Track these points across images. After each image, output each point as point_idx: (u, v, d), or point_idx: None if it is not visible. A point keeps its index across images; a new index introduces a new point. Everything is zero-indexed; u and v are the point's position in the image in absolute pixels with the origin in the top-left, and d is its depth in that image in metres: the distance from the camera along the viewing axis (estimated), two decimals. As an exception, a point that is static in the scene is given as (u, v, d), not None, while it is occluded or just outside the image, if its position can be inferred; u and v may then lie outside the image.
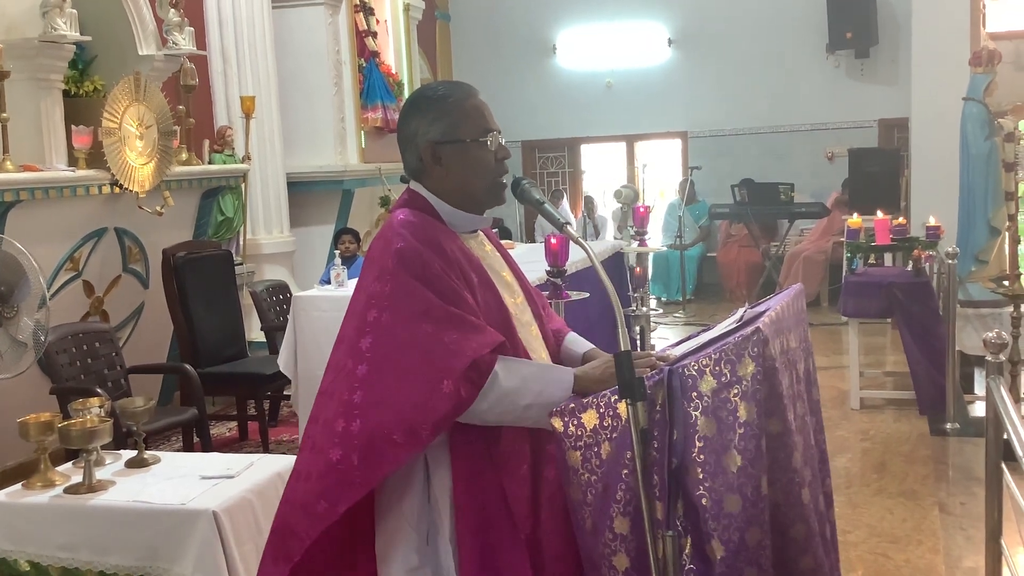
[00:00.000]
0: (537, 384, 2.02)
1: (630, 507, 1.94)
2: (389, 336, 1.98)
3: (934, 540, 4.31)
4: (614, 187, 11.58)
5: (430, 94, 2.17)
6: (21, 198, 5.13)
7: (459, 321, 1.98)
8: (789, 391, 2.04)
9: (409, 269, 2.01)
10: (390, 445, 1.95)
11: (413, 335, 1.97)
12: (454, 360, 1.94)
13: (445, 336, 1.96)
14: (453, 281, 2.03)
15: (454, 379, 1.93)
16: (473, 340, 1.97)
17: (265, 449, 5.72)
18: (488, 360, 1.98)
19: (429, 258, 2.02)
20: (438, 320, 1.97)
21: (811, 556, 2.05)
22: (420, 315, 1.97)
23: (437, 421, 1.95)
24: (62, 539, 2.93)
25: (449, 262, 2.05)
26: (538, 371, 2.06)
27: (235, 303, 6.46)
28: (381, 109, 9.31)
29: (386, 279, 2.02)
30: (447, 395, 1.93)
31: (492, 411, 1.99)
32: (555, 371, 2.09)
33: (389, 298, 2.00)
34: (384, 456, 1.96)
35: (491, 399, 1.98)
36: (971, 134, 7.07)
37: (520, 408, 2.01)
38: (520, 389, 2.00)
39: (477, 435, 2.02)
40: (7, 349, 4.13)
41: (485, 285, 2.12)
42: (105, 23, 6.23)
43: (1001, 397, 3.00)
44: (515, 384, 2.00)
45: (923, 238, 6.54)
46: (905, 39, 9.57)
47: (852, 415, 6.32)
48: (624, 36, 12.03)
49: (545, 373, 2.07)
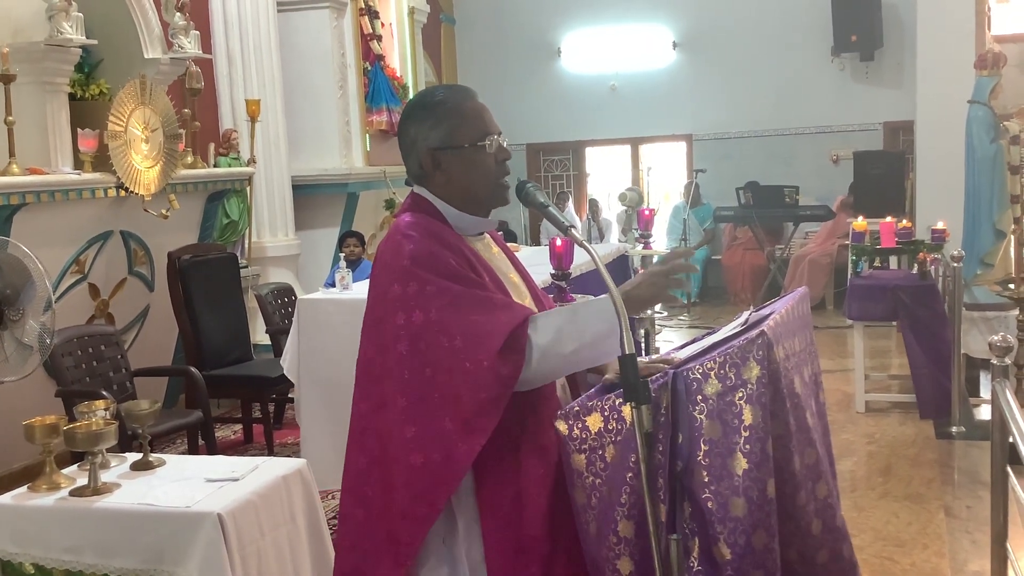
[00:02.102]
0: (573, 327, 2.00)
1: (634, 510, 1.94)
2: (427, 334, 1.99)
3: (939, 544, 4.30)
4: (619, 190, 11.56)
5: (427, 100, 2.18)
6: (27, 201, 5.14)
7: (487, 303, 2.01)
8: (797, 394, 2.04)
9: (425, 266, 2.02)
10: (457, 438, 1.96)
11: (447, 328, 1.98)
12: (489, 340, 1.95)
13: (475, 319, 1.98)
14: (469, 271, 2.06)
15: (492, 358, 1.94)
16: (503, 316, 1.99)
17: (270, 452, 5.73)
18: (521, 329, 1.98)
19: (441, 253, 2.04)
20: (466, 307, 1.99)
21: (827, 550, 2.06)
22: (448, 307, 1.99)
23: (489, 401, 1.95)
24: (67, 542, 2.93)
25: (460, 256, 2.07)
26: (571, 315, 2.04)
27: (240, 306, 6.47)
28: (386, 112, 9.32)
29: (407, 281, 2.03)
30: (491, 371, 1.94)
31: (539, 371, 1.99)
32: (588, 306, 2.04)
33: (415, 298, 2.01)
34: (457, 448, 1.96)
35: (533, 362, 1.97)
36: (976, 137, 7.06)
37: (565, 356, 1.99)
38: (558, 339, 1.99)
39: (498, 434, 2.01)
40: (13, 352, 4.14)
41: (495, 285, 2.13)
42: (111, 26, 6.25)
43: (1007, 400, 2.99)
44: (551, 337, 1.98)
45: (928, 241, 6.53)
46: (910, 42, 9.55)
47: (857, 418, 6.31)
48: (629, 39, 12.03)
49: (578, 312, 2.04)
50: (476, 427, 1.96)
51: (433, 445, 1.98)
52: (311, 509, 3.23)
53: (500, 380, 1.95)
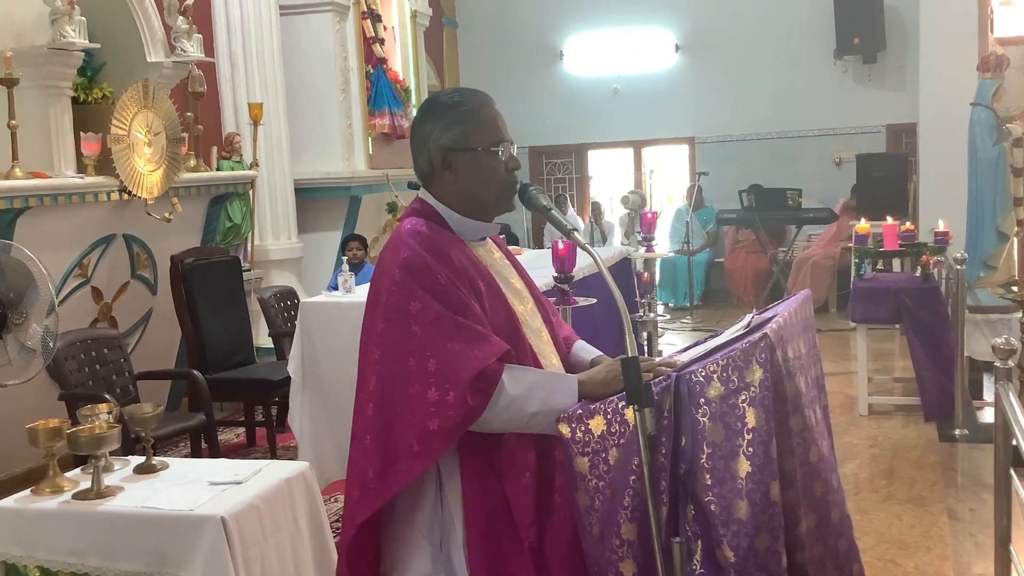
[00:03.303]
0: (542, 392, 2.03)
1: (637, 513, 1.94)
2: (400, 348, 2.00)
3: (943, 546, 4.29)
4: (621, 193, 11.55)
5: (446, 100, 2.18)
6: (30, 205, 5.15)
7: (466, 331, 1.99)
8: (800, 396, 2.04)
9: (416, 279, 2.02)
10: (406, 457, 1.97)
11: (423, 347, 1.99)
12: (461, 371, 1.95)
13: (451, 347, 1.97)
14: (460, 291, 2.04)
15: (460, 390, 1.94)
16: (479, 350, 1.98)
17: (273, 455, 5.73)
18: (495, 369, 1.99)
19: (435, 268, 2.03)
20: (445, 331, 1.98)
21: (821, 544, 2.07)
22: (428, 326, 1.99)
23: (448, 431, 1.96)
24: (71, 545, 2.93)
25: (456, 271, 2.06)
26: (543, 379, 2.07)
27: (243, 309, 6.47)
28: (388, 115, 9.32)
29: (394, 291, 2.03)
30: (455, 405, 1.95)
31: (499, 419, 2.00)
32: (560, 378, 2.10)
33: (398, 310, 2.02)
34: (399, 469, 1.98)
35: (498, 407, 1.99)
36: (979, 139, 7.06)
37: (527, 415, 2.01)
38: (526, 396, 2.01)
39: (483, 444, 2.03)
40: (16, 355, 4.14)
41: (493, 293, 2.13)
42: (114, 30, 6.25)
43: (1010, 403, 2.98)
44: (521, 391, 2.01)
45: (931, 243, 6.53)
46: (913, 44, 9.56)
47: (860, 421, 6.30)
48: (631, 42, 12.04)
49: (550, 380, 2.08)
50: (426, 451, 1.97)
51: (372, 460, 2.01)
52: (314, 512, 3.23)
53: (461, 412, 1.95)
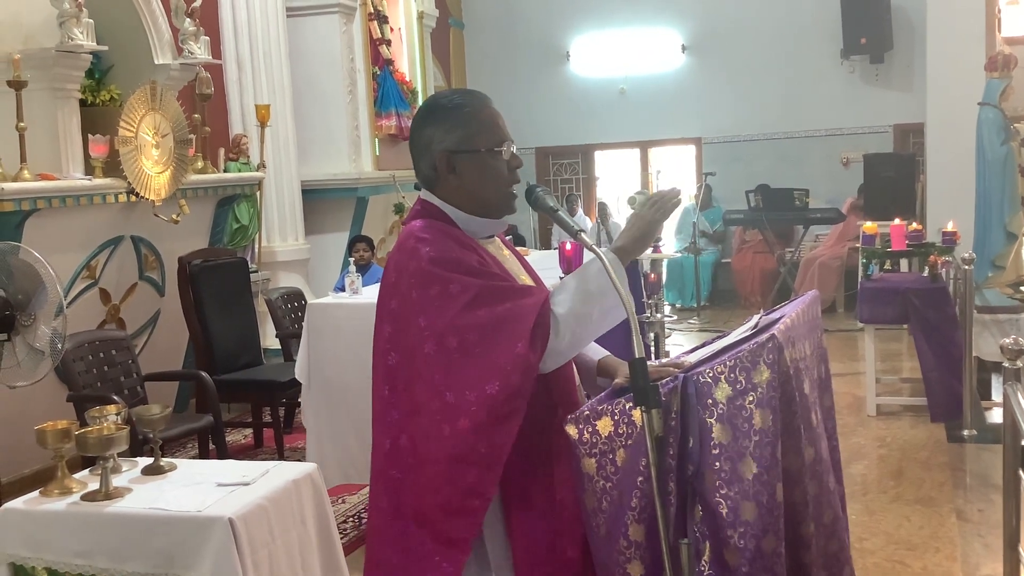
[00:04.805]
0: (585, 286, 2.02)
1: (645, 514, 1.93)
2: (454, 331, 1.99)
3: (951, 547, 4.28)
4: (628, 193, 11.56)
5: (445, 103, 2.17)
6: (38, 207, 5.16)
7: (508, 291, 2.03)
8: (806, 397, 2.04)
9: (445, 266, 2.02)
10: (505, 420, 1.95)
11: (472, 324, 1.98)
12: (518, 325, 1.97)
13: (500, 311, 1.98)
14: (492, 269, 2.08)
15: (525, 340, 1.95)
16: (527, 301, 2.01)
17: (280, 456, 5.73)
18: (545, 309, 2.00)
19: (459, 251, 2.05)
20: (488, 300, 1.99)
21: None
22: (471, 304, 1.99)
23: (520, 384, 1.95)
24: (79, 546, 2.94)
25: (476, 254, 2.09)
26: (578, 281, 2.05)
27: (250, 310, 6.48)
28: (395, 117, 9.34)
29: (428, 283, 2.02)
30: (523, 356, 1.95)
31: (568, 340, 2.01)
32: (587, 269, 2.06)
33: (439, 299, 2.00)
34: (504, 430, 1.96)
35: (561, 330, 1.99)
36: (987, 139, 7.04)
37: (593, 320, 2.02)
38: (574, 309, 2.00)
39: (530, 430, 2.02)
40: (24, 357, 4.15)
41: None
42: (121, 33, 6.27)
43: (1019, 403, 2.98)
44: (569, 304, 2.01)
45: (939, 244, 6.51)
46: (920, 44, 9.54)
47: (868, 422, 6.29)
48: (638, 42, 12.03)
49: (582, 277, 2.05)
50: (512, 410, 1.95)
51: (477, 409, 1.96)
52: (321, 513, 3.24)
53: (531, 364, 1.96)
